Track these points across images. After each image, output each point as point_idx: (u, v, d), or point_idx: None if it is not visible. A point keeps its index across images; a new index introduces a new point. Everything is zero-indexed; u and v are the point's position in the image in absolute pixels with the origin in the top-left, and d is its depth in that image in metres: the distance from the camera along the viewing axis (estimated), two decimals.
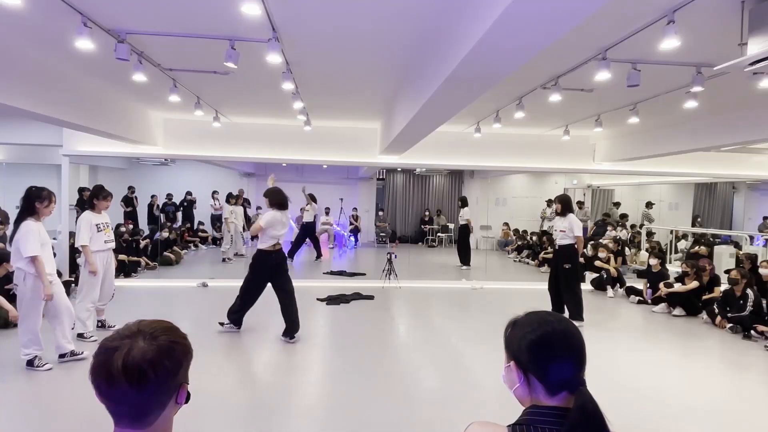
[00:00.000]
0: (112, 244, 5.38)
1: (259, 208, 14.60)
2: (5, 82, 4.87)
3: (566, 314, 6.36)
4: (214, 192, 13.30)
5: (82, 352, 4.53)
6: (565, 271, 6.21)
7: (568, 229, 6.19)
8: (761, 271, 6.80)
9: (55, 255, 4.97)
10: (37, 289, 4.15)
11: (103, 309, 5.45)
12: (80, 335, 5.02)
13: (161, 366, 0.94)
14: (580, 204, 13.80)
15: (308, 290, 7.88)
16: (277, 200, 5.29)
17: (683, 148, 7.96)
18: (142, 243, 10.00)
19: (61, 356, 4.46)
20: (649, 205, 13.57)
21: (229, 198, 11.32)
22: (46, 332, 4.36)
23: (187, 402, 1.03)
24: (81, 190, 9.41)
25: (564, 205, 6.34)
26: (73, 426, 3.36)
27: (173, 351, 0.97)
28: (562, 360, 1.06)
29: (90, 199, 5.24)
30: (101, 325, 5.46)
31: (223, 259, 10.90)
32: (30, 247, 4.04)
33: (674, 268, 9.14)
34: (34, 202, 4.17)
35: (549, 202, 14.30)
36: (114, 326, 5.51)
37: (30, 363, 4.20)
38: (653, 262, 7.79)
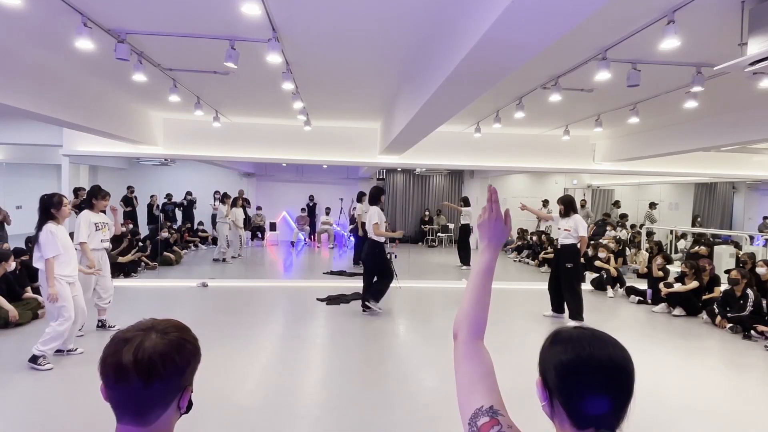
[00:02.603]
0: (108, 244, 5.45)
1: (259, 208, 14.61)
2: (5, 82, 4.87)
3: (566, 314, 6.38)
4: (216, 192, 13.32)
5: (76, 349, 4.66)
6: (567, 270, 6.20)
7: (572, 229, 6.17)
8: (758, 270, 6.80)
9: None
10: (63, 291, 4.30)
11: (105, 308, 5.45)
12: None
13: (171, 361, 0.95)
14: (583, 203, 13.83)
15: (308, 290, 7.88)
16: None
17: (683, 148, 7.97)
18: (141, 244, 9.99)
19: (58, 351, 4.53)
20: (652, 205, 13.58)
21: (224, 198, 11.19)
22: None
23: (188, 411, 1.02)
24: (76, 191, 9.39)
25: (567, 205, 6.34)
26: (73, 426, 3.36)
27: (183, 348, 0.98)
28: (593, 392, 0.88)
29: (89, 198, 5.28)
30: (101, 325, 5.45)
31: (216, 259, 10.83)
32: (51, 248, 4.21)
33: (674, 268, 9.14)
34: (50, 208, 4.33)
35: (545, 203, 14.31)
36: (114, 326, 5.50)
37: (33, 359, 4.20)
38: (658, 261, 7.81)
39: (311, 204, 15.28)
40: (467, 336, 1.09)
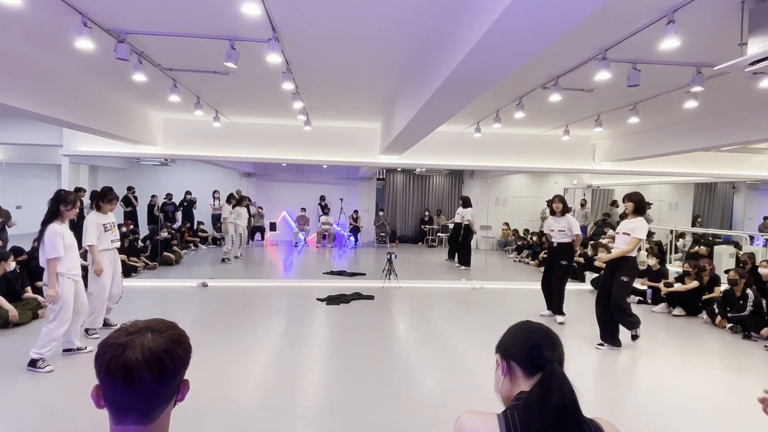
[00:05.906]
0: (118, 243, 5.46)
1: (260, 207, 14.61)
2: (5, 82, 4.87)
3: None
4: (215, 191, 13.31)
5: (86, 347, 4.65)
6: (561, 267, 6.35)
7: (567, 229, 6.32)
8: (761, 270, 6.79)
9: (84, 256, 5.08)
10: (65, 292, 4.27)
11: (111, 308, 5.46)
12: (87, 330, 5.09)
13: (176, 355, 0.98)
14: (583, 203, 13.80)
15: (308, 290, 7.88)
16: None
17: (683, 148, 7.97)
18: (142, 244, 10.00)
19: (67, 350, 4.54)
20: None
21: (230, 198, 11.24)
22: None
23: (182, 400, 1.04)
24: (76, 190, 9.38)
25: (565, 203, 6.52)
26: (73, 426, 3.36)
27: (182, 342, 1.01)
28: (539, 346, 1.25)
29: (96, 200, 5.28)
30: (105, 323, 5.46)
31: (223, 260, 10.84)
32: (54, 249, 4.18)
33: (674, 268, 9.14)
34: (61, 204, 4.32)
35: (549, 203, 14.30)
36: (116, 325, 5.50)
37: (32, 363, 4.19)
38: (652, 261, 7.80)
39: (323, 204, 15.26)
40: None
